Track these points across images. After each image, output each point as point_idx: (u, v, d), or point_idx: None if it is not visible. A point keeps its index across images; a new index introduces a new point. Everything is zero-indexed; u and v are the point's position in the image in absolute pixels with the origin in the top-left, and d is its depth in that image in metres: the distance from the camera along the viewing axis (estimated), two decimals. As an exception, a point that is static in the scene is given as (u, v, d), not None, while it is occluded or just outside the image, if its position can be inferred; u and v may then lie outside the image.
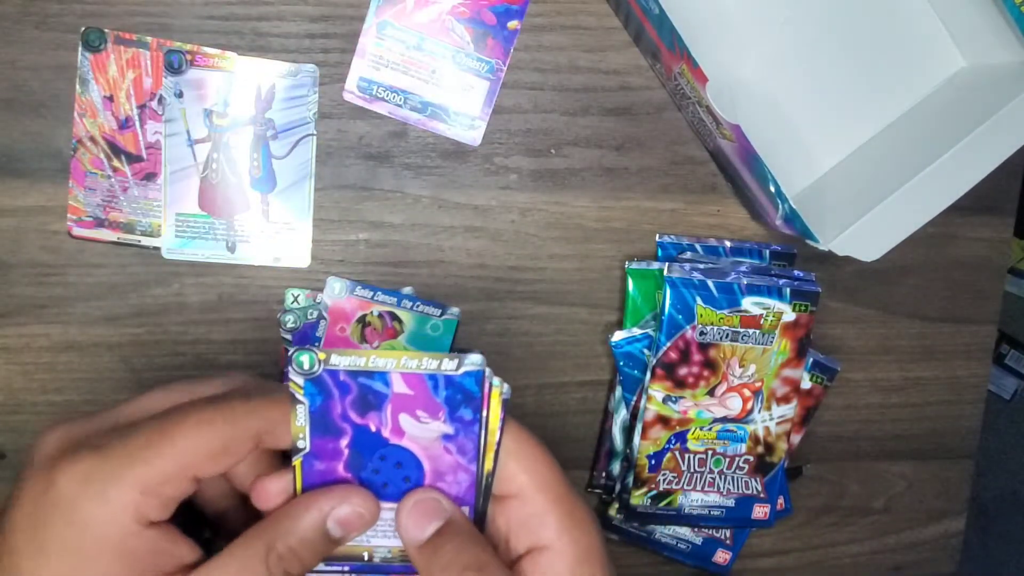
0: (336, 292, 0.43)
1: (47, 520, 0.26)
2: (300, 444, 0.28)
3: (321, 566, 0.30)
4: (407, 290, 0.45)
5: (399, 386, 0.28)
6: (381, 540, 0.30)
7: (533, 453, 0.30)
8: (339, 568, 0.30)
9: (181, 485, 0.28)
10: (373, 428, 0.28)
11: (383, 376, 0.28)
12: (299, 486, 0.29)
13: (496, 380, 0.28)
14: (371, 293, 0.44)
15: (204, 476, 0.28)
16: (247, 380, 0.31)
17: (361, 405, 0.28)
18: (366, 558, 0.30)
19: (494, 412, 0.28)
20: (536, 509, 0.29)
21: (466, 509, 0.30)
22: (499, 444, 0.29)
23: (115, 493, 0.27)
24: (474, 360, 0.28)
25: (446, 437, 0.29)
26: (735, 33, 0.45)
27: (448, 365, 0.28)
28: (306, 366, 0.27)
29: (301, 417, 0.28)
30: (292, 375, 0.27)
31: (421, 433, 0.29)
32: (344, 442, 0.29)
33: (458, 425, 0.29)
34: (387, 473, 0.29)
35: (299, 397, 0.28)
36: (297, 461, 0.29)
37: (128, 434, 0.28)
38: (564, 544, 0.29)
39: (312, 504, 0.28)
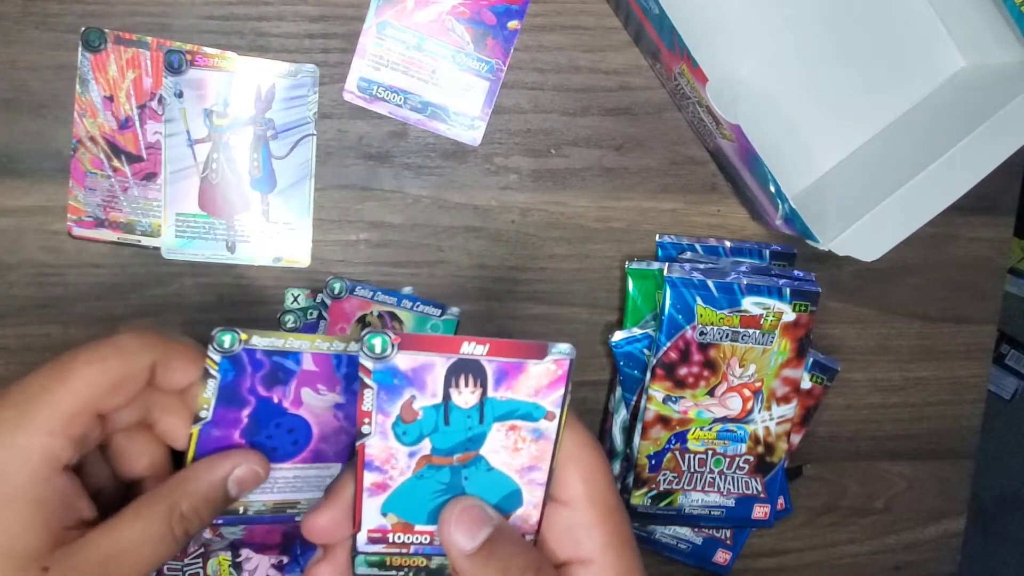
0: (336, 292, 0.44)
1: None
2: (203, 414, 0.30)
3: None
4: (407, 290, 0.45)
5: (308, 364, 0.31)
6: (257, 495, 0.33)
7: (592, 461, 0.29)
8: (217, 521, 0.32)
9: (86, 423, 0.28)
10: (276, 400, 0.31)
11: (296, 356, 0.30)
12: (192, 452, 0.31)
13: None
14: (371, 293, 0.44)
15: (106, 410, 0.29)
16: (142, 323, 0.32)
17: (270, 380, 0.31)
18: (241, 511, 0.32)
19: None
20: (585, 520, 0.29)
21: (338, 466, 0.32)
22: (557, 440, 0.29)
23: (22, 438, 0.27)
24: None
25: (337, 406, 0.32)
26: (735, 33, 0.45)
27: (353, 347, 0.30)
28: (227, 344, 0.29)
29: (210, 390, 0.30)
30: (211, 352, 0.29)
31: (317, 403, 0.32)
32: (246, 412, 0.31)
33: (349, 396, 0.31)
34: (279, 438, 0.32)
35: (212, 372, 0.30)
36: (195, 429, 0.30)
37: (25, 381, 0.28)
38: (608, 561, 0.28)
39: (214, 466, 0.30)
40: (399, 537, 0.29)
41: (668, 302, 0.44)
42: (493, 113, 0.45)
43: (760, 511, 0.47)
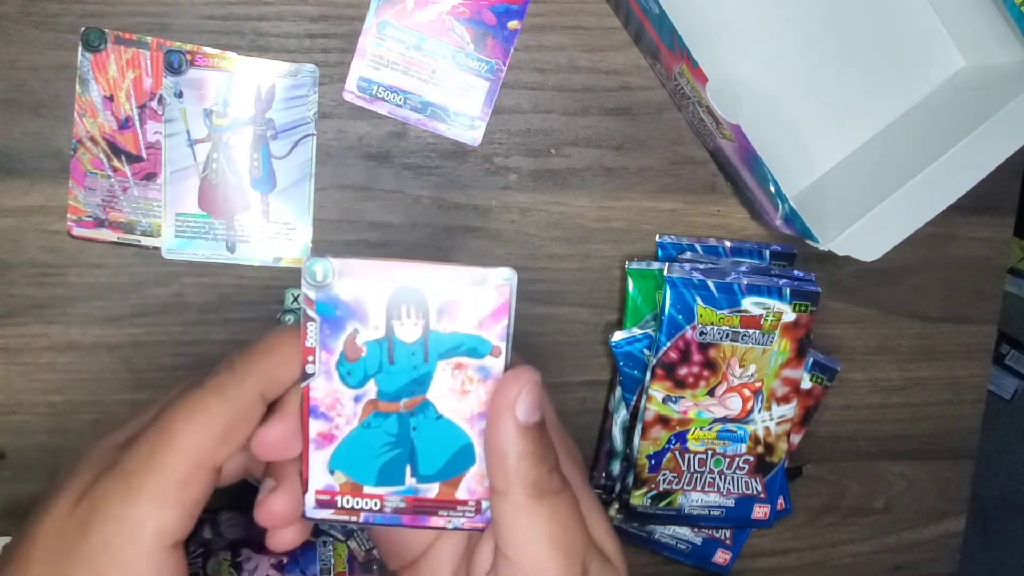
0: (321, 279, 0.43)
1: (67, 551, 0.25)
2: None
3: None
4: None
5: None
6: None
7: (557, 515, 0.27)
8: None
9: (202, 481, 0.26)
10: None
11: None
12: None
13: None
14: None
15: (221, 461, 0.27)
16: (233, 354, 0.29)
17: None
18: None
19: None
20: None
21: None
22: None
23: (130, 512, 0.25)
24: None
25: None
26: (735, 33, 0.45)
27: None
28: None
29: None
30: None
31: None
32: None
33: None
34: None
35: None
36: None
37: (134, 446, 0.26)
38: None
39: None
40: (348, 501, 0.28)
41: (668, 302, 0.44)
42: (493, 113, 0.45)
43: (760, 511, 0.47)
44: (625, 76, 0.46)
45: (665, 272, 0.44)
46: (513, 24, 0.44)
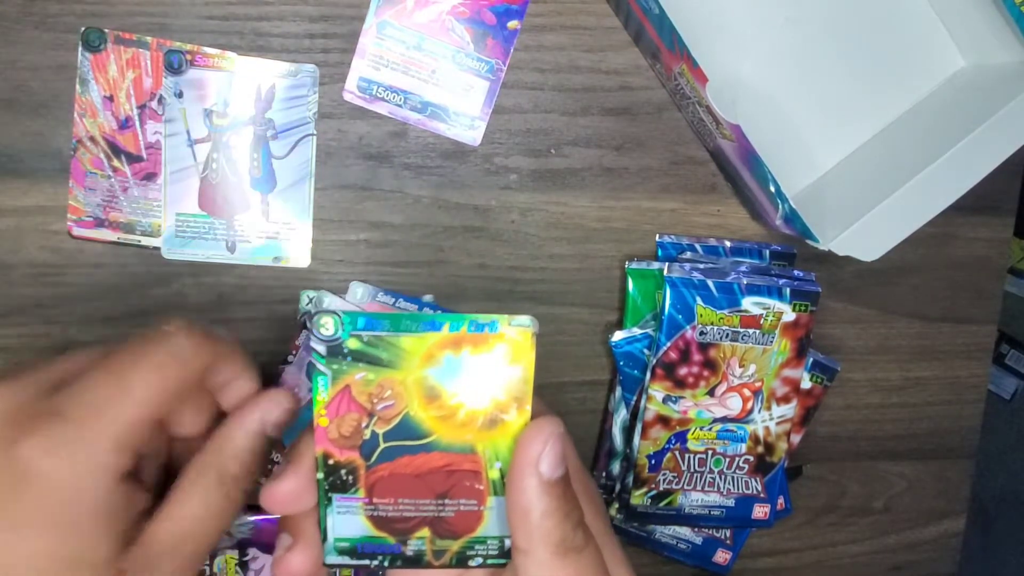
0: (359, 297, 0.43)
1: (16, 496, 0.25)
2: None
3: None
4: (427, 298, 0.45)
5: None
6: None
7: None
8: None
9: (149, 431, 0.27)
10: None
11: None
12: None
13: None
14: (392, 299, 0.44)
15: (163, 416, 0.28)
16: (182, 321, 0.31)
17: None
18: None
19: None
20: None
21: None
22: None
23: (86, 455, 0.26)
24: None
25: None
26: (735, 33, 0.45)
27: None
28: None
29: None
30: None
31: None
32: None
33: None
34: None
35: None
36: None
37: (84, 393, 0.27)
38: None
39: (247, 419, 0.29)
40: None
41: (668, 302, 0.44)
42: (493, 113, 0.45)
43: (760, 511, 0.47)
44: (625, 76, 0.46)
45: (665, 272, 0.44)
46: (513, 24, 0.44)
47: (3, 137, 0.41)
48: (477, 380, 0.27)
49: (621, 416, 0.47)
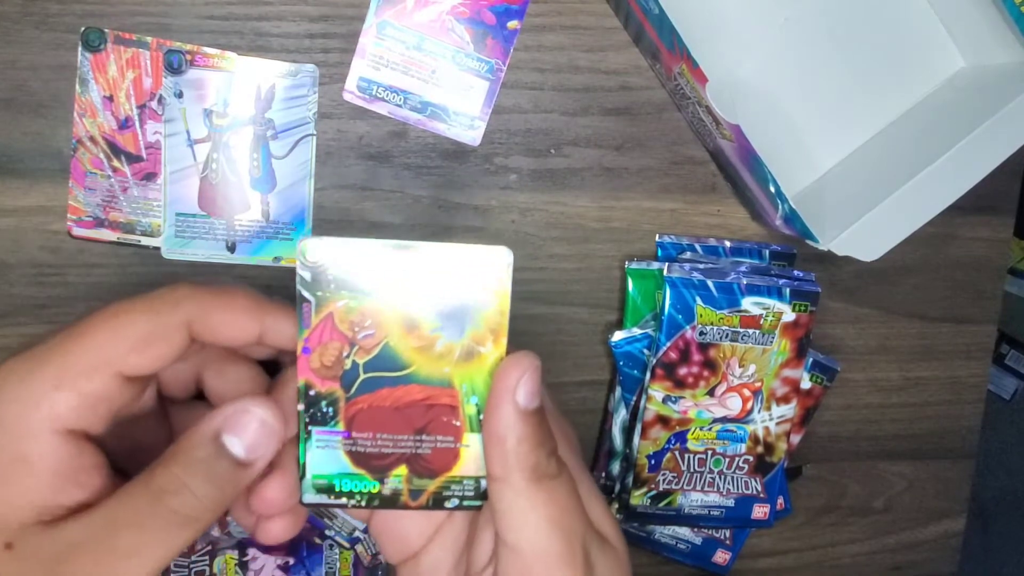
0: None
1: None
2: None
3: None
4: None
5: None
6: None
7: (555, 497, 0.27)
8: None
9: (105, 382, 0.25)
10: None
11: None
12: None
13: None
14: None
15: (131, 372, 0.26)
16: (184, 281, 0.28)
17: None
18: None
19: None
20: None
21: None
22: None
23: (24, 391, 0.24)
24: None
25: None
26: (735, 33, 0.45)
27: None
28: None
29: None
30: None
31: None
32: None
33: None
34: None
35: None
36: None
37: (48, 336, 0.26)
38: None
39: (201, 432, 0.25)
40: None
41: (668, 302, 0.44)
42: (493, 113, 0.45)
43: (760, 511, 0.47)
44: (625, 76, 0.46)
45: (665, 272, 0.44)
46: (513, 24, 0.44)
47: (3, 137, 0.41)
48: (454, 309, 0.28)
49: (621, 416, 0.47)
